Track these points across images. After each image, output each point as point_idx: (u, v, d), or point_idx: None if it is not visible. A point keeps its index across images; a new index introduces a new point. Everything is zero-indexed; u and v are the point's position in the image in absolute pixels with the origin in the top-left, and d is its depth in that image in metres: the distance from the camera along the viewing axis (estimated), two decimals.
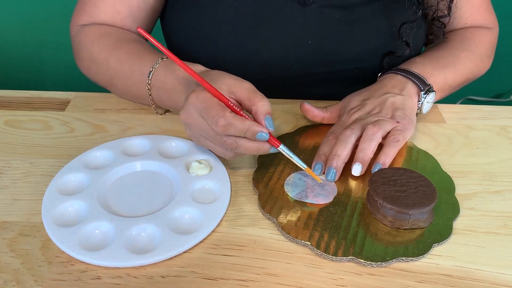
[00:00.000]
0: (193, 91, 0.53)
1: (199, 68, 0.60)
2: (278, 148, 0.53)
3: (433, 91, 0.66)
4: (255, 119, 0.53)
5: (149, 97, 0.65)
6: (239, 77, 0.55)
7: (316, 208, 0.53)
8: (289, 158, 0.54)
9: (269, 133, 0.52)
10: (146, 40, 0.62)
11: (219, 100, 0.52)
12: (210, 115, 0.50)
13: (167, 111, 0.69)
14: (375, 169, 0.56)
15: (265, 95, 0.74)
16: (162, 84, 0.62)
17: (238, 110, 0.52)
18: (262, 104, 0.52)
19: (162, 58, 0.63)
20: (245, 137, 0.51)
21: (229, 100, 0.52)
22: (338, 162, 0.56)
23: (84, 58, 0.71)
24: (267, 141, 0.52)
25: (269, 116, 0.52)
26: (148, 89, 0.64)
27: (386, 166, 0.57)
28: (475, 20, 0.79)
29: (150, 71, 0.62)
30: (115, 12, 0.71)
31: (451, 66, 0.71)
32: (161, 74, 0.62)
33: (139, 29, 0.52)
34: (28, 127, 0.67)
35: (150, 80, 0.63)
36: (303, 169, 0.55)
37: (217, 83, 0.53)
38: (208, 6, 0.69)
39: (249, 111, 0.54)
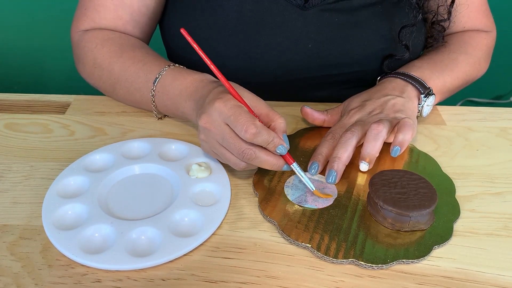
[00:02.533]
0: (219, 98, 0.52)
1: (209, 77, 0.60)
2: (291, 166, 0.53)
3: (432, 94, 0.66)
4: None
5: (153, 104, 0.65)
6: (254, 94, 0.55)
7: (317, 210, 0.52)
8: (300, 177, 0.54)
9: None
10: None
11: (247, 108, 0.52)
12: (240, 122, 0.49)
13: (164, 115, 0.70)
14: (393, 152, 0.58)
15: (265, 99, 0.74)
16: (168, 91, 0.62)
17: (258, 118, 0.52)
18: (280, 121, 0.53)
19: (169, 66, 0.64)
20: (264, 149, 0.51)
21: (253, 113, 0.52)
22: (339, 165, 0.56)
23: (87, 64, 0.71)
24: (282, 156, 0.53)
25: (285, 134, 0.53)
26: (152, 95, 0.64)
27: (405, 147, 0.58)
28: (473, 24, 0.79)
29: (156, 78, 0.63)
30: (117, 18, 0.71)
31: (449, 69, 0.72)
32: (168, 81, 0.62)
33: (182, 30, 0.51)
34: (28, 130, 0.67)
35: (155, 86, 0.63)
36: (312, 190, 0.54)
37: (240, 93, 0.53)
38: (208, 11, 0.69)
39: (267, 127, 0.53)
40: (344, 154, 0.57)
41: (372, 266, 0.46)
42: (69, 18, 0.75)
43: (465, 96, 1.61)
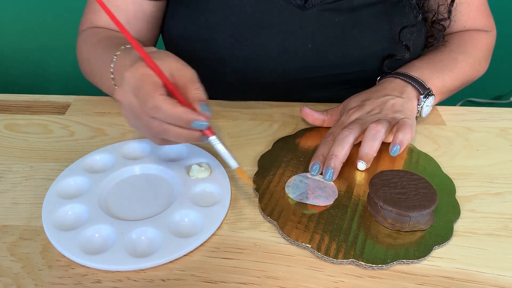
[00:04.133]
0: (130, 67, 0.48)
1: (152, 48, 0.55)
2: (209, 139, 0.49)
3: (432, 94, 0.66)
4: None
5: (115, 87, 0.60)
6: (185, 63, 0.51)
7: (317, 210, 0.52)
8: (220, 152, 0.50)
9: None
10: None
11: (159, 77, 0.48)
12: (141, 94, 0.47)
13: None
14: (393, 151, 0.58)
15: (265, 99, 0.75)
16: (122, 66, 0.57)
17: (173, 88, 0.48)
18: (195, 92, 0.48)
19: (125, 46, 0.59)
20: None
21: (167, 78, 0.48)
22: (336, 162, 0.56)
23: (79, 59, 0.73)
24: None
25: (204, 102, 0.48)
26: (113, 78, 0.60)
27: (404, 146, 0.58)
28: (473, 23, 0.79)
29: (112, 59, 0.59)
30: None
31: (449, 70, 0.72)
32: (121, 60, 0.58)
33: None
34: (28, 131, 0.67)
35: (112, 68, 0.59)
36: (233, 168, 0.51)
37: (159, 62, 0.49)
38: (208, 11, 0.69)
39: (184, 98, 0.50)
40: (341, 152, 0.57)
41: (372, 266, 0.46)
42: (69, 19, 0.76)
43: (465, 96, 1.61)
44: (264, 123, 0.70)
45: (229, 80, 0.72)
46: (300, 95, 0.76)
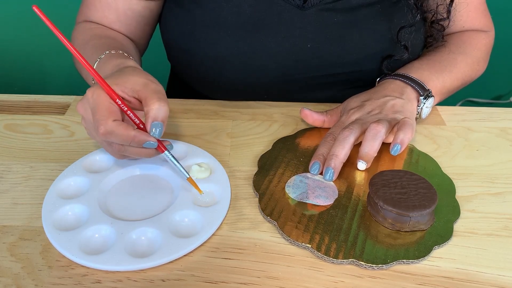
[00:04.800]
0: (92, 87, 0.50)
1: (128, 62, 0.57)
2: (162, 154, 0.52)
3: (432, 96, 0.66)
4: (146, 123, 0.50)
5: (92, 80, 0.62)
6: (151, 78, 0.52)
7: (317, 211, 0.52)
8: (173, 165, 0.53)
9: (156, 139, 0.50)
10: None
11: (114, 101, 0.49)
12: (95, 118, 0.48)
13: None
14: (393, 150, 0.58)
15: (265, 99, 0.75)
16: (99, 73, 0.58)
17: (128, 109, 0.50)
18: (154, 107, 0.49)
19: (110, 51, 0.61)
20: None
21: (119, 98, 0.49)
22: (336, 162, 0.56)
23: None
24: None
25: (158, 122, 0.49)
26: (94, 83, 0.61)
27: (405, 146, 0.58)
28: (472, 24, 0.79)
29: (96, 61, 0.61)
30: (103, 17, 0.73)
31: (448, 70, 0.72)
32: (101, 64, 0.60)
33: (34, 7, 0.47)
34: (28, 131, 0.67)
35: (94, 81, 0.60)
36: (185, 178, 0.53)
37: (122, 79, 0.51)
38: (207, 11, 0.69)
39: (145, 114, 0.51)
40: (342, 152, 0.57)
41: (372, 267, 0.46)
42: (69, 19, 0.76)
43: (465, 96, 1.61)
44: (264, 123, 0.70)
45: (228, 80, 0.72)
46: (299, 95, 0.76)
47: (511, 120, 0.71)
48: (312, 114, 0.67)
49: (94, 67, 0.61)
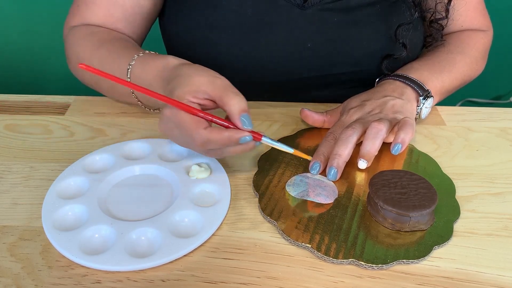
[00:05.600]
0: (166, 106, 0.51)
1: (172, 61, 0.57)
2: (261, 141, 0.52)
3: (431, 96, 0.66)
4: (231, 120, 0.51)
5: (133, 95, 0.64)
6: (212, 73, 0.53)
7: (317, 211, 0.52)
8: (274, 146, 0.54)
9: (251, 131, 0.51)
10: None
11: (194, 114, 0.50)
12: (187, 133, 0.50)
13: (157, 108, 0.68)
14: (394, 149, 0.57)
15: (265, 99, 0.75)
16: (141, 81, 0.59)
17: (212, 117, 0.51)
18: (233, 103, 0.50)
19: (137, 55, 0.61)
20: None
21: (199, 111, 0.50)
22: (339, 162, 0.56)
23: (72, 59, 0.71)
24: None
25: (245, 113, 0.50)
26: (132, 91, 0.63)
27: (406, 145, 0.58)
28: (470, 23, 0.79)
29: (128, 69, 0.61)
30: (108, 15, 0.70)
31: (447, 70, 0.72)
32: (138, 71, 0.60)
33: (81, 66, 0.48)
34: (28, 131, 0.67)
35: (129, 78, 0.61)
36: (291, 152, 0.55)
37: (188, 86, 0.51)
38: (208, 10, 0.69)
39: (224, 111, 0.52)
40: (345, 151, 0.57)
41: (372, 267, 0.46)
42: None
43: (465, 96, 1.61)
44: (264, 123, 0.70)
45: (228, 80, 0.72)
46: (300, 94, 0.76)
47: (511, 120, 0.71)
48: (312, 115, 0.67)
49: (128, 76, 0.61)
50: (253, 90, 0.74)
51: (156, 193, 0.55)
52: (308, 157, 0.57)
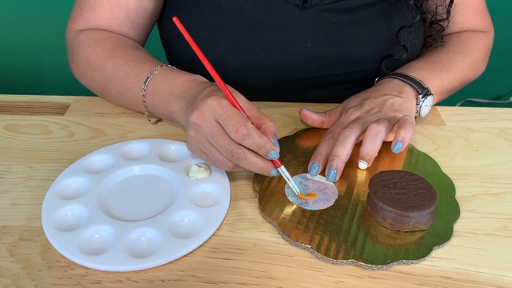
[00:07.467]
0: (212, 95, 0.51)
1: (202, 77, 0.60)
2: (278, 169, 0.53)
3: (430, 94, 0.66)
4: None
5: (143, 103, 0.65)
6: (240, 96, 0.55)
7: (317, 211, 0.52)
8: (287, 181, 0.54)
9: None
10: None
11: (241, 110, 0.52)
12: (231, 122, 0.49)
13: (158, 120, 0.69)
14: (395, 148, 0.57)
15: (265, 99, 0.75)
16: (159, 90, 0.61)
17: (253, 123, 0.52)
18: (271, 124, 0.53)
19: (161, 66, 0.63)
20: (254, 151, 0.51)
21: (246, 114, 0.52)
22: (339, 163, 0.56)
23: (80, 63, 0.70)
24: (271, 160, 0.52)
25: (275, 136, 0.53)
26: (143, 95, 0.63)
27: (407, 143, 0.58)
28: (471, 24, 0.79)
29: (148, 77, 0.62)
30: (112, 18, 0.71)
31: (446, 70, 0.72)
32: (159, 80, 0.62)
33: (174, 19, 0.50)
34: (28, 131, 0.67)
35: (146, 86, 0.63)
36: (297, 194, 0.54)
37: (234, 95, 0.53)
38: (207, 11, 0.69)
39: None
40: (343, 152, 0.57)
41: (372, 267, 0.46)
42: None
43: (465, 96, 1.61)
44: None
45: (228, 80, 0.72)
46: (300, 95, 0.76)
47: (511, 120, 0.71)
48: (311, 115, 0.67)
49: (145, 83, 0.63)
50: (252, 90, 0.74)
51: (156, 193, 0.55)
52: (313, 196, 0.55)
